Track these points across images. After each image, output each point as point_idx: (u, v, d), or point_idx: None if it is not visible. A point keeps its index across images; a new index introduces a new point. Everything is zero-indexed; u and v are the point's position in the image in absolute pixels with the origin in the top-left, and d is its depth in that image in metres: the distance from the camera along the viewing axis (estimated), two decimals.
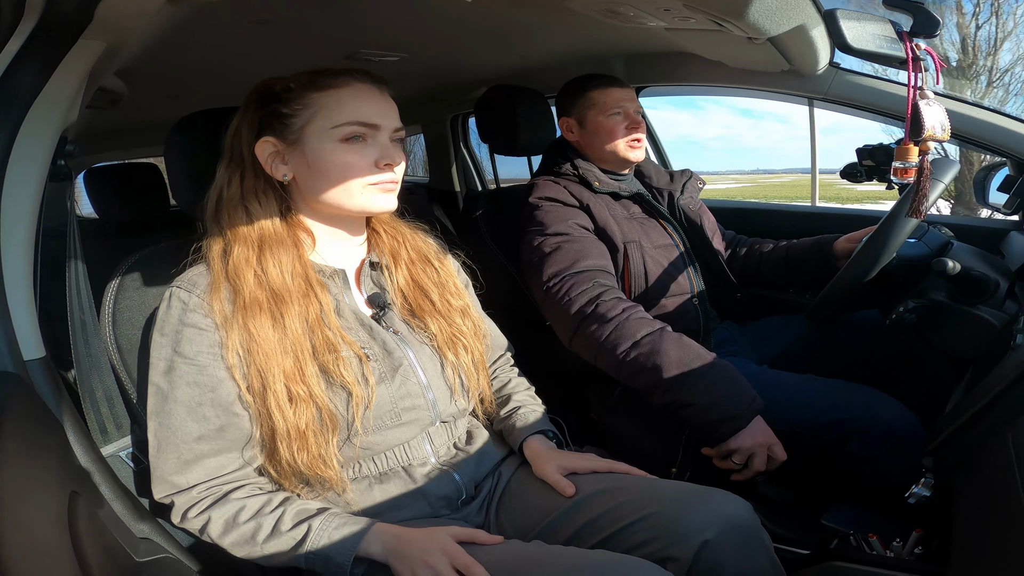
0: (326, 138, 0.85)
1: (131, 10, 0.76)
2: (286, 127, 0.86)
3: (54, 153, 0.78)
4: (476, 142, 2.68)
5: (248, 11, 1.08)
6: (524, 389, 1.12)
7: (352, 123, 0.85)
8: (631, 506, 0.85)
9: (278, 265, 0.84)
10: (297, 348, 0.81)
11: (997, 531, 0.71)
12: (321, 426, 0.81)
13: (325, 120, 0.85)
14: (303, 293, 0.84)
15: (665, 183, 1.59)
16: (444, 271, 1.02)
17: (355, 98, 0.86)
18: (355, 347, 0.85)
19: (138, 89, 1.26)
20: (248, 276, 0.82)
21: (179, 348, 0.80)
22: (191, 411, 0.79)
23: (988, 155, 1.53)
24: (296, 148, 0.86)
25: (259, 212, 0.86)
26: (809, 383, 1.27)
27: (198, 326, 0.81)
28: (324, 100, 0.86)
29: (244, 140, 0.87)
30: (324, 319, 0.85)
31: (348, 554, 0.77)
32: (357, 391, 0.82)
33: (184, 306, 0.81)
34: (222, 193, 0.87)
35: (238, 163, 0.87)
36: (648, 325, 1.20)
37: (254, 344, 0.80)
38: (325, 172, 0.86)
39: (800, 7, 1.00)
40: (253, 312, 0.81)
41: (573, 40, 1.59)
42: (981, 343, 1.07)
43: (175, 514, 0.81)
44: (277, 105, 0.86)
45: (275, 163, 0.87)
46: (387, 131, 0.89)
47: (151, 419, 0.80)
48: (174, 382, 0.80)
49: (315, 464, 0.81)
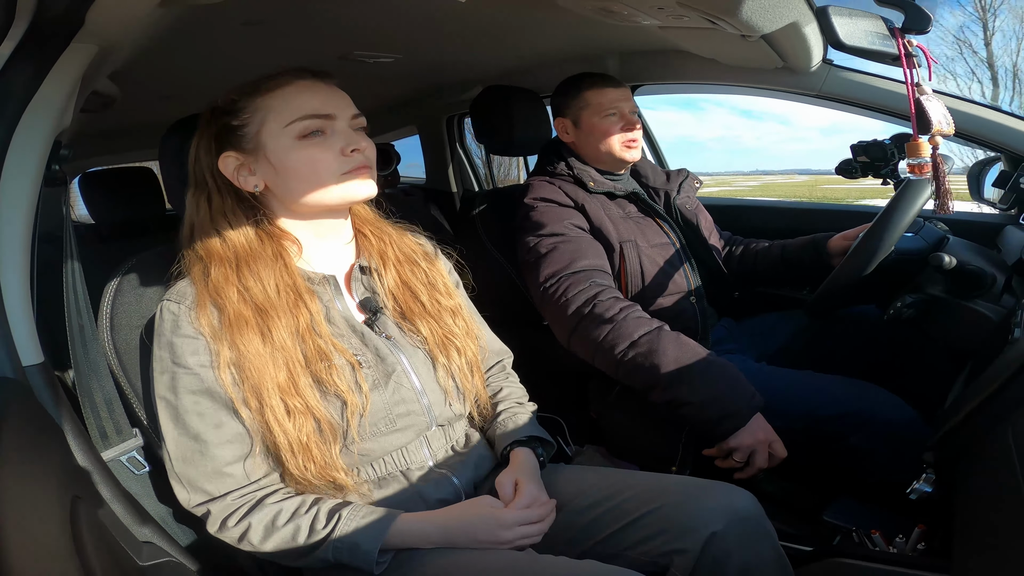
0: (283, 137, 0.84)
1: (123, 13, 0.76)
2: (241, 138, 0.85)
3: (48, 158, 0.78)
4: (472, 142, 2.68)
5: (241, 13, 1.08)
6: (515, 399, 1.09)
7: (304, 117, 0.84)
8: (637, 501, 0.86)
9: (259, 281, 0.83)
10: (289, 361, 0.80)
11: (999, 525, 0.71)
12: (322, 436, 0.80)
13: (277, 120, 0.84)
14: (292, 304, 0.83)
15: (661, 182, 1.59)
16: (433, 271, 1.01)
17: (300, 93, 0.85)
18: (347, 354, 0.84)
19: (131, 92, 1.25)
20: (230, 294, 0.81)
21: (177, 360, 0.80)
22: (206, 419, 0.79)
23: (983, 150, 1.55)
24: (259, 155, 0.85)
25: (230, 231, 0.85)
26: (808, 379, 1.27)
27: (190, 336, 0.80)
28: (270, 102, 0.85)
29: (204, 163, 0.86)
30: (315, 328, 0.84)
31: (375, 541, 0.78)
32: (351, 399, 0.82)
33: (175, 318, 0.81)
34: (192, 220, 0.87)
35: (203, 187, 0.87)
36: (645, 324, 1.20)
37: (245, 361, 0.79)
38: (294, 172, 0.85)
39: (793, 4, 1.00)
40: (240, 328, 0.80)
41: (567, 39, 1.59)
42: (979, 337, 1.07)
43: (212, 523, 0.80)
44: (227, 119, 0.85)
45: (243, 175, 0.86)
46: (343, 119, 0.87)
47: (167, 432, 0.80)
48: (180, 393, 0.79)
49: (324, 474, 0.81)
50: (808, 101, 1.58)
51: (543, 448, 1.02)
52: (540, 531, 0.86)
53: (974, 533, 0.79)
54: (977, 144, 1.45)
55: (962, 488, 0.87)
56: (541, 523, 0.87)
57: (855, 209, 1.97)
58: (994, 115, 1.40)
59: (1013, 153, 1.43)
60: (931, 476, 0.98)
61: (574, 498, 0.91)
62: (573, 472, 1.00)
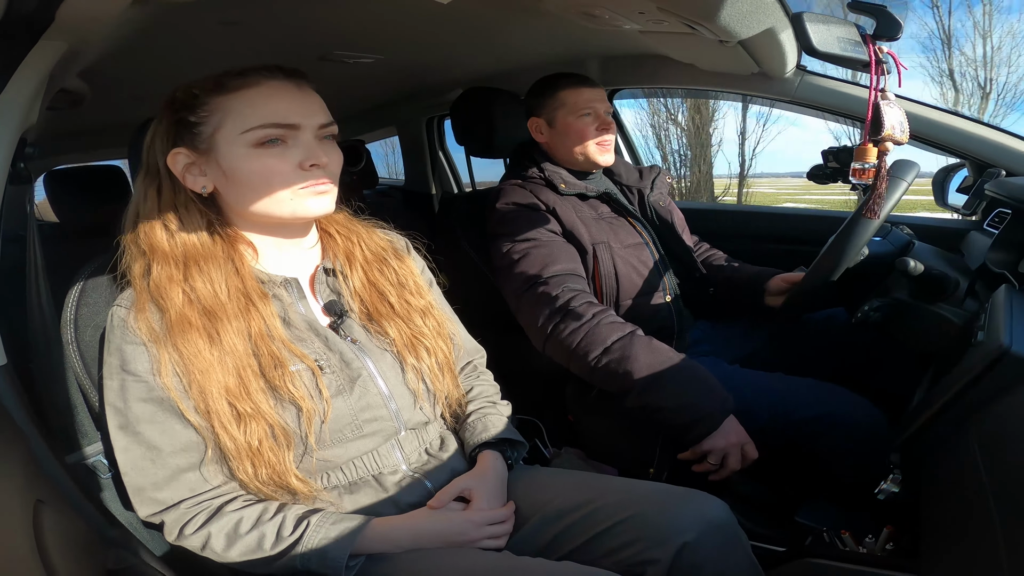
0: (238, 144, 0.79)
1: (95, 11, 0.74)
2: (196, 136, 0.80)
3: (13, 156, 0.76)
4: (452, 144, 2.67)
5: (217, 12, 1.06)
6: (486, 398, 1.07)
7: (264, 125, 0.79)
8: (609, 510, 0.85)
9: (208, 282, 0.79)
10: (240, 365, 0.77)
11: (964, 524, 0.73)
12: (276, 442, 0.78)
13: (235, 125, 0.79)
14: (243, 308, 0.80)
15: (635, 180, 1.60)
16: (404, 270, 0.98)
17: (267, 97, 0.80)
18: (307, 359, 0.82)
19: (102, 90, 1.22)
20: (174, 295, 0.78)
21: (126, 367, 0.77)
22: (156, 427, 0.77)
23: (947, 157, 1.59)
24: (210, 158, 0.80)
25: (179, 228, 0.81)
26: (779, 382, 1.29)
27: (135, 343, 0.78)
28: (232, 104, 0.79)
29: (158, 151, 0.81)
30: (269, 332, 0.80)
31: (344, 549, 0.76)
32: (307, 405, 0.79)
33: (123, 324, 0.78)
34: (138, 209, 0.82)
35: (154, 176, 0.82)
36: (618, 330, 1.21)
37: (189, 364, 0.76)
38: (245, 181, 0.80)
39: (769, 11, 1.02)
40: (183, 331, 0.77)
41: (549, 42, 1.60)
42: (943, 340, 1.10)
43: (169, 532, 0.78)
44: (184, 113, 0.80)
45: (191, 175, 0.81)
46: (310, 129, 0.82)
47: (116, 441, 0.77)
48: (129, 401, 0.77)
49: (277, 480, 0.79)
50: (782, 106, 1.62)
51: (513, 450, 1.00)
52: (506, 531, 0.87)
53: (941, 533, 0.80)
54: (942, 151, 1.49)
55: (928, 488, 0.89)
56: (506, 523, 0.87)
57: (827, 214, 2.01)
58: (959, 122, 1.44)
59: (977, 160, 1.47)
60: (898, 477, 1.00)
61: (547, 504, 0.90)
62: (547, 476, 0.99)
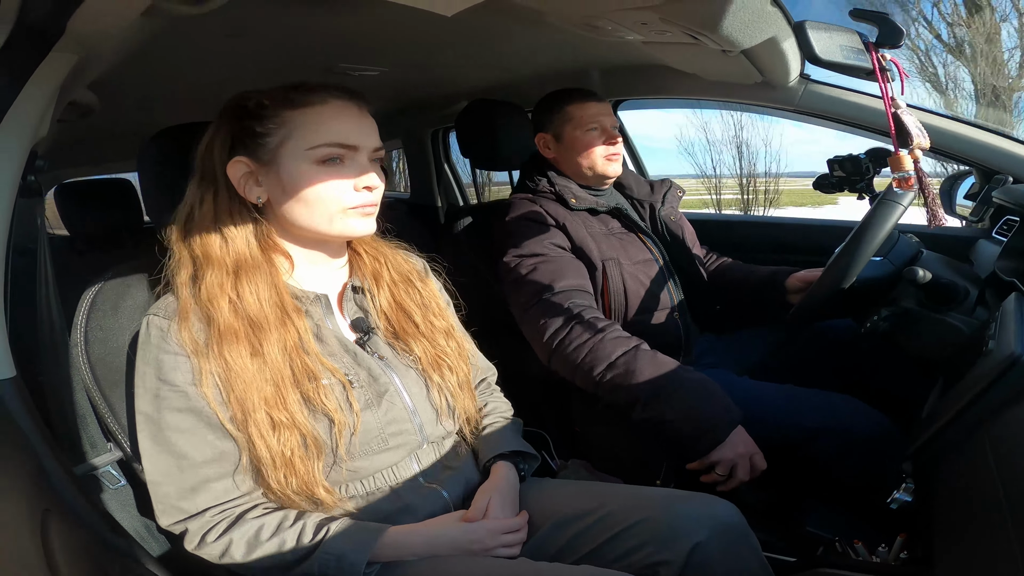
0: (302, 160, 0.82)
1: (105, 23, 0.75)
2: (260, 147, 0.83)
3: (24, 169, 0.77)
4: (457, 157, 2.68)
5: (224, 25, 1.07)
6: (500, 413, 1.09)
7: (330, 144, 0.82)
8: (620, 515, 0.86)
9: (255, 292, 0.81)
10: (277, 376, 0.79)
11: (979, 533, 0.72)
12: (307, 452, 0.79)
13: (301, 141, 0.82)
14: (279, 320, 0.81)
15: (645, 194, 1.60)
16: (427, 292, 1.00)
17: (333, 117, 0.84)
18: (338, 374, 0.83)
19: (111, 102, 1.24)
20: (222, 304, 0.79)
21: (162, 376, 0.78)
22: (188, 436, 0.77)
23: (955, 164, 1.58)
24: (270, 169, 0.83)
25: (234, 235, 0.83)
26: (787, 392, 1.28)
27: (175, 353, 0.78)
28: (300, 119, 0.82)
29: (217, 158, 0.83)
30: (303, 346, 0.82)
31: (362, 556, 0.77)
32: (339, 418, 0.80)
33: (161, 333, 0.79)
34: (193, 213, 0.83)
35: (211, 181, 0.84)
36: (623, 344, 1.20)
37: (232, 374, 0.77)
38: (301, 196, 0.83)
39: (772, 20, 1.03)
40: (229, 341, 0.78)
41: (552, 54, 1.61)
42: (953, 349, 1.09)
43: (190, 540, 0.78)
44: (251, 122, 0.83)
45: (248, 184, 0.84)
46: (366, 151, 0.86)
47: (145, 449, 0.78)
48: (163, 411, 0.77)
49: (305, 489, 0.79)
50: (786, 116, 1.61)
51: (525, 462, 1.02)
52: (520, 540, 0.87)
53: (954, 541, 0.79)
54: (950, 158, 1.48)
55: (941, 497, 0.88)
56: (520, 532, 0.87)
57: (833, 223, 2.00)
58: (966, 129, 1.43)
59: (985, 167, 1.46)
60: (910, 485, 0.99)
61: (558, 512, 0.90)
62: (556, 486, 1.00)
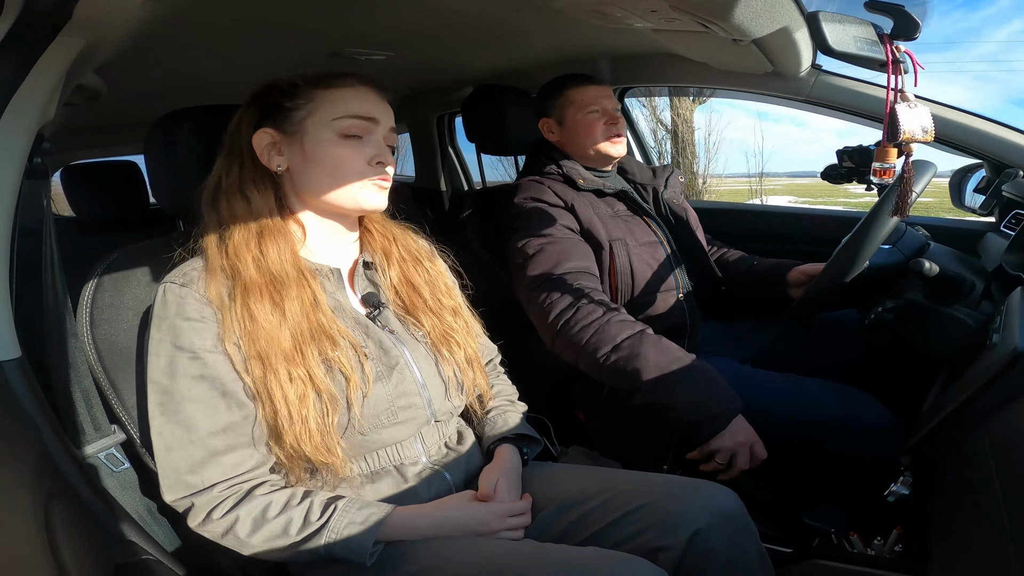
0: (326, 130, 0.88)
1: (111, 7, 0.75)
2: (287, 119, 0.88)
3: (30, 151, 0.77)
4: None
5: (230, 9, 1.07)
6: (505, 397, 1.12)
7: (353, 116, 0.88)
8: (623, 499, 0.87)
9: (277, 251, 0.85)
10: (296, 331, 0.81)
11: (975, 527, 0.72)
12: (322, 410, 0.80)
13: (326, 113, 0.88)
14: (298, 280, 0.85)
15: (648, 179, 1.60)
16: (434, 270, 1.03)
17: (357, 96, 0.90)
18: (352, 337, 0.86)
19: (118, 86, 1.24)
20: (248, 259, 0.83)
21: (178, 343, 0.79)
22: (200, 406, 0.78)
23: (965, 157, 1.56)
24: (294, 139, 0.88)
25: (258, 200, 0.87)
26: (790, 382, 1.28)
27: (194, 318, 0.80)
28: (328, 96, 0.89)
29: (243, 134, 0.89)
30: (319, 307, 0.85)
31: (369, 535, 0.78)
32: (355, 377, 0.83)
33: (180, 300, 0.80)
34: (220, 182, 0.88)
35: (237, 154, 0.89)
36: (628, 328, 1.21)
37: (255, 325, 0.80)
38: (320, 164, 0.88)
39: (784, 9, 1.01)
40: (253, 294, 0.81)
41: (559, 41, 1.59)
42: (957, 343, 1.09)
43: (195, 516, 0.78)
44: (281, 99, 0.89)
45: (271, 153, 0.88)
46: (384, 128, 0.92)
47: (155, 419, 0.79)
48: (177, 378, 0.78)
49: (320, 449, 0.80)
50: (796, 106, 1.60)
51: (528, 446, 1.04)
52: (524, 523, 0.89)
53: (951, 536, 0.80)
54: (960, 151, 1.47)
55: (939, 491, 0.88)
56: (525, 515, 0.89)
57: (840, 214, 1.99)
58: (976, 122, 1.42)
59: (995, 160, 1.45)
60: (908, 479, 0.99)
61: (560, 495, 0.92)
62: (559, 470, 1.01)
